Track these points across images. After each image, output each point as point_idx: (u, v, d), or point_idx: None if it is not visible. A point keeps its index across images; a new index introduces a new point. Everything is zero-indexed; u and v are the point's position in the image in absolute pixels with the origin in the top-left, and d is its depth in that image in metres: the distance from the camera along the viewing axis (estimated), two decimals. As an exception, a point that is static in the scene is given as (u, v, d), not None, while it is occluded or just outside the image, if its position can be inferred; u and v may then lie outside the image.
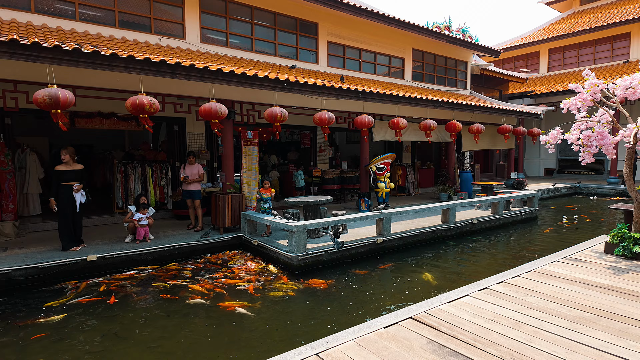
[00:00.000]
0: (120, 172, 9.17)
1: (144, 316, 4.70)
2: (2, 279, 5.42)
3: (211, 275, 6.02)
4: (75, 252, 6.24)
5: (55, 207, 6.25)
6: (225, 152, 8.24)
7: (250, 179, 8.10)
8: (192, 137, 10.00)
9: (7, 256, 6.02)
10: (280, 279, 5.87)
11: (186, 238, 7.28)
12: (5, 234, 7.18)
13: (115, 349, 3.95)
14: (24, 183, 8.63)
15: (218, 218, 7.55)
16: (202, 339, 4.14)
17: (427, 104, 10.83)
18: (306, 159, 13.10)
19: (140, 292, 5.40)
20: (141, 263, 6.51)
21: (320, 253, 6.46)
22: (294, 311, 4.84)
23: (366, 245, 7.13)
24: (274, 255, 6.59)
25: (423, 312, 3.35)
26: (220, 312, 4.79)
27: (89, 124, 8.65)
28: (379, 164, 10.44)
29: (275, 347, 3.84)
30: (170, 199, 9.56)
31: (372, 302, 5.11)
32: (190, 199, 7.94)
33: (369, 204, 10.42)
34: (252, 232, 7.53)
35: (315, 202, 7.31)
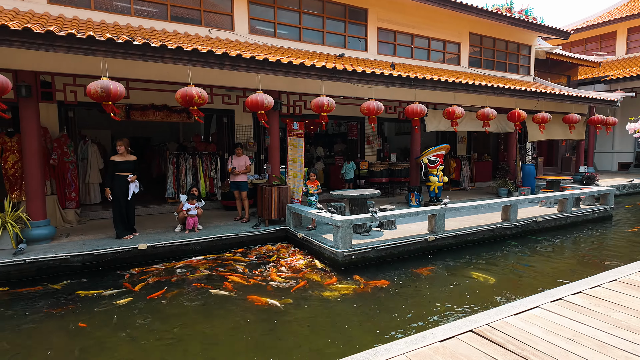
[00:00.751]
0: (172, 164, 9.41)
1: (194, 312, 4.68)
2: (62, 264, 5.71)
3: (256, 270, 5.93)
4: (128, 241, 6.44)
5: (111, 196, 6.48)
6: (271, 143, 8.13)
7: (295, 171, 7.92)
8: (241, 129, 10.04)
9: (67, 242, 6.35)
10: (325, 275, 5.64)
11: (233, 229, 7.28)
12: (68, 220, 7.62)
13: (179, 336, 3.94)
14: (85, 173, 9.14)
15: (264, 210, 7.47)
16: (243, 335, 4.01)
17: (486, 91, 9.99)
18: (353, 151, 12.72)
19: (194, 288, 5.42)
20: (189, 253, 6.60)
21: (367, 250, 6.14)
22: (337, 312, 4.57)
23: (416, 243, 6.68)
24: (318, 249, 6.37)
25: (486, 324, 2.92)
26: (256, 307, 4.65)
27: (143, 116, 8.94)
28: (431, 156, 9.83)
29: (310, 357, 3.61)
30: (219, 190, 9.68)
31: (423, 306, 4.71)
32: (237, 191, 7.94)
33: (419, 199, 9.87)
34: (297, 225, 7.37)
35: (362, 195, 6.97)
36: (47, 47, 5.32)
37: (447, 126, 11.08)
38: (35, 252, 5.75)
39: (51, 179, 7.63)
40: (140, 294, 5.02)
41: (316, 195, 7.51)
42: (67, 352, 3.75)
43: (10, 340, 3.93)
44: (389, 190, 11.79)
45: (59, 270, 5.67)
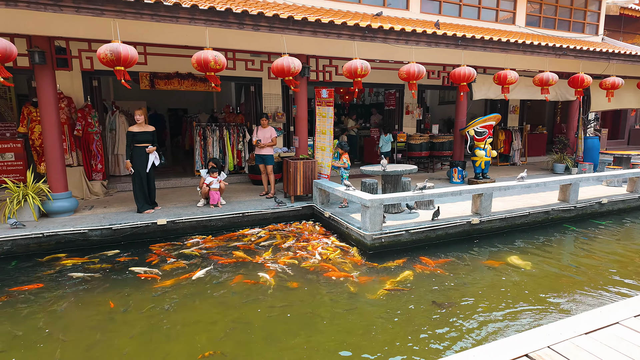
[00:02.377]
0: (199, 135, 9.09)
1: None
2: (81, 238, 5.56)
3: (272, 252, 5.48)
4: (147, 215, 6.21)
5: (132, 168, 6.21)
6: (298, 113, 7.50)
7: (324, 144, 7.28)
8: (268, 98, 9.46)
9: (89, 215, 6.21)
10: (350, 259, 5.08)
11: (257, 205, 6.86)
12: (95, 192, 7.54)
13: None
14: (114, 144, 9.05)
15: (289, 185, 6.96)
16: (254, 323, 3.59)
17: (546, 52, 8.64)
18: (390, 122, 11.80)
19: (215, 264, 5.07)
20: (210, 229, 6.27)
21: (400, 232, 5.48)
22: (351, 306, 4.01)
23: (458, 226, 5.92)
24: (345, 230, 5.79)
25: (547, 347, 2.22)
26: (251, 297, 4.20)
27: (168, 85, 8.59)
28: (478, 127, 8.77)
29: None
30: (246, 163, 9.29)
31: (462, 303, 4.04)
32: (262, 164, 7.47)
33: (463, 175, 8.93)
34: (324, 203, 6.81)
35: (396, 172, 6.24)
36: (53, 8, 4.92)
37: (497, 93, 9.86)
38: (54, 225, 5.63)
39: (77, 150, 7.52)
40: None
41: (343, 170, 6.88)
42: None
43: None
44: (429, 165, 10.87)
45: (78, 244, 5.53)
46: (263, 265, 4.88)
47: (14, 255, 5.18)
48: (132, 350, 3.26)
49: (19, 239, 5.27)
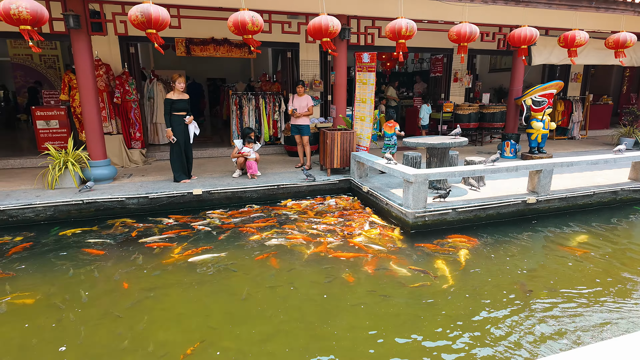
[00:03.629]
0: (235, 104, 8.88)
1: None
2: (118, 206, 5.59)
3: (301, 224, 5.22)
4: (184, 185, 6.14)
5: (173, 138, 6.05)
6: (337, 80, 7.03)
7: (364, 113, 6.81)
8: (306, 65, 9.01)
9: (127, 183, 6.24)
10: (389, 237, 4.73)
11: (291, 177, 6.61)
12: (134, 161, 7.61)
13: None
14: (152, 113, 9.06)
15: (326, 158, 6.62)
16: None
17: (623, 8, 7.48)
18: (436, 90, 11.00)
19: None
20: (244, 200, 6.13)
21: (446, 211, 5.03)
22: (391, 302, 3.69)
23: (511, 205, 5.36)
24: (385, 206, 5.41)
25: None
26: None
27: (203, 51, 8.35)
28: (536, 96, 7.88)
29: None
30: (282, 134, 9.02)
31: (512, 296, 3.60)
32: (298, 135, 7.15)
33: (516, 149, 8.16)
34: (363, 177, 6.43)
35: (442, 144, 5.70)
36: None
37: (560, 58, 8.81)
38: (93, 192, 5.68)
39: (116, 118, 7.56)
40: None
41: (395, 140, 6.48)
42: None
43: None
44: (477, 138, 10.09)
45: (116, 211, 5.57)
46: (297, 241, 4.65)
47: (56, 221, 5.29)
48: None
49: (61, 206, 5.37)
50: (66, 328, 3.08)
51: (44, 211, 5.29)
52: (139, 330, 3.06)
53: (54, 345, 2.87)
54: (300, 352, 2.82)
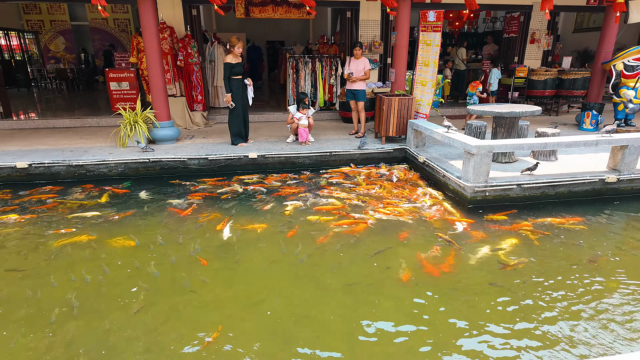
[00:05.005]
0: (291, 68, 8.81)
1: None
2: (181, 166, 5.91)
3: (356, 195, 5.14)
4: (240, 148, 6.30)
5: (232, 103, 6.10)
6: (398, 41, 6.62)
7: (425, 78, 6.40)
8: (365, 25, 8.58)
9: (189, 144, 6.55)
10: (442, 210, 4.53)
11: (345, 144, 6.51)
12: (196, 123, 7.93)
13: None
14: (213, 76, 9.28)
15: (381, 125, 6.39)
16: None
17: None
18: (508, 53, 10.00)
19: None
20: (297, 166, 6.18)
21: (509, 186, 4.67)
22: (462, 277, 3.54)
23: (586, 184, 4.84)
24: (441, 178, 5.16)
25: None
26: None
27: (262, 12, 8.26)
28: (630, 60, 6.85)
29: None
30: (337, 99, 8.84)
31: (586, 293, 3.30)
32: (353, 100, 6.94)
33: (597, 121, 7.28)
34: (419, 146, 6.14)
35: (512, 113, 5.20)
36: None
37: (667, 14, 7.50)
38: (159, 152, 6.05)
39: (179, 81, 7.86)
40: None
41: (476, 99, 6.10)
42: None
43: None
44: (552, 107, 9.13)
45: (179, 170, 5.91)
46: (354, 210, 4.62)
47: (126, 177, 5.75)
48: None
49: (131, 163, 5.79)
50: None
51: (116, 167, 5.76)
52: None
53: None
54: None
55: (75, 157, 5.73)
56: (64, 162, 5.59)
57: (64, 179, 5.61)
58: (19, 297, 3.09)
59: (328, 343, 2.62)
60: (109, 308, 2.96)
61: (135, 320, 2.81)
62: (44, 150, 6.12)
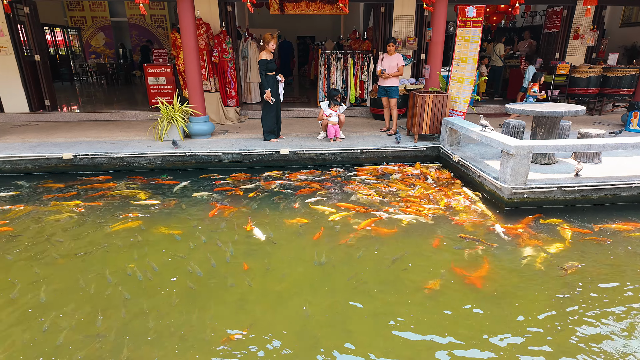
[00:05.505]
0: (323, 64, 8.80)
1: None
2: (215, 160, 6.05)
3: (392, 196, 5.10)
4: (272, 144, 6.38)
5: (272, 99, 6.11)
6: (433, 37, 6.49)
7: (462, 74, 6.24)
8: (399, 21, 8.45)
9: (223, 139, 6.69)
10: (477, 211, 4.43)
11: (376, 142, 6.46)
12: (229, 118, 8.09)
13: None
14: (246, 72, 9.41)
15: (414, 122, 6.30)
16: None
17: None
18: (548, 49, 9.59)
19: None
20: (328, 163, 6.20)
21: (549, 189, 4.50)
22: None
23: (634, 188, 4.59)
24: (477, 179, 5.03)
25: None
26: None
27: (296, 8, 8.28)
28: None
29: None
30: (369, 95, 8.77)
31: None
32: (385, 97, 6.87)
33: (646, 121, 6.87)
34: (454, 145, 6.01)
35: (554, 112, 4.99)
36: None
37: None
38: (195, 146, 6.22)
39: (214, 76, 8.02)
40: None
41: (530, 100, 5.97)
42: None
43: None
44: (595, 106, 8.70)
45: (213, 165, 6.05)
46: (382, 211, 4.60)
47: (163, 170, 5.95)
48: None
49: (168, 156, 5.99)
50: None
51: (154, 160, 5.96)
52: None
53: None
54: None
55: (116, 150, 5.98)
56: (106, 154, 5.85)
57: (106, 170, 5.88)
58: (75, 279, 3.28)
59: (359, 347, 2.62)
60: (153, 294, 3.10)
61: (174, 310, 2.93)
62: (87, 142, 6.42)
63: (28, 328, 2.72)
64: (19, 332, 2.68)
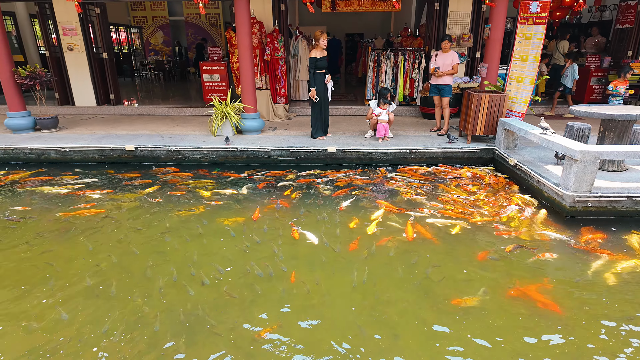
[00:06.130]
0: (373, 62, 8.72)
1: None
2: (264, 156, 6.21)
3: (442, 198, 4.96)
4: (319, 142, 6.42)
5: (317, 97, 6.19)
6: (492, 35, 6.20)
7: (522, 74, 5.92)
8: (455, 17, 8.16)
9: (272, 136, 6.84)
10: (535, 220, 4.19)
11: (425, 142, 6.31)
12: (278, 115, 8.25)
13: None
14: (296, 70, 9.53)
15: (467, 123, 6.07)
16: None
17: None
18: (620, 47, 8.84)
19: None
20: (375, 162, 6.14)
21: (617, 198, 4.17)
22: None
23: None
24: (535, 184, 4.77)
25: None
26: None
27: (348, 6, 8.28)
28: None
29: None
30: (419, 94, 8.57)
31: None
32: (437, 96, 6.68)
33: None
34: (510, 147, 5.73)
35: (626, 116, 4.60)
36: None
37: None
38: (246, 142, 6.41)
39: (266, 74, 8.20)
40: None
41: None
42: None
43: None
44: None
45: (262, 160, 6.21)
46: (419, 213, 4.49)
47: (216, 164, 6.19)
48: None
49: (221, 151, 6.22)
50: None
51: (208, 154, 6.22)
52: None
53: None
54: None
55: (173, 143, 6.30)
56: (164, 147, 6.19)
57: (164, 162, 6.22)
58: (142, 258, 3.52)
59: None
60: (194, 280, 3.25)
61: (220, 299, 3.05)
62: (147, 135, 6.82)
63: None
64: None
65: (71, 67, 8.75)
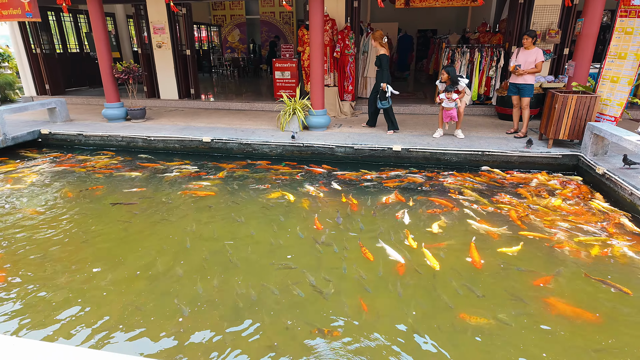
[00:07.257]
0: (447, 58, 8.37)
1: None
2: (329, 152, 6.29)
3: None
4: (384, 140, 6.34)
5: (392, 91, 6.40)
6: (585, 29, 5.62)
7: (619, 73, 5.30)
8: (541, 11, 7.53)
9: (337, 133, 6.90)
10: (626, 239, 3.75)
11: (501, 144, 5.93)
12: (344, 112, 8.29)
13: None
14: (364, 67, 9.49)
15: (549, 125, 5.59)
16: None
17: None
18: None
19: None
20: (442, 163, 5.92)
21: None
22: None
23: None
24: (627, 197, 4.26)
25: None
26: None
27: (423, 2, 8.00)
28: None
29: None
30: (495, 93, 8.06)
31: None
32: (516, 96, 6.24)
33: None
34: (599, 154, 5.17)
35: None
36: None
37: None
38: (311, 137, 6.54)
39: (334, 71, 8.27)
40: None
41: None
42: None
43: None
44: None
45: (326, 157, 6.30)
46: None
47: (282, 158, 6.41)
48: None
49: (287, 146, 6.43)
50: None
51: (276, 148, 6.46)
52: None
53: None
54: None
55: (245, 137, 6.64)
56: (237, 140, 6.55)
57: (236, 155, 6.58)
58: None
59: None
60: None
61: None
62: (222, 128, 7.26)
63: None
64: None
65: (159, 63, 9.59)
